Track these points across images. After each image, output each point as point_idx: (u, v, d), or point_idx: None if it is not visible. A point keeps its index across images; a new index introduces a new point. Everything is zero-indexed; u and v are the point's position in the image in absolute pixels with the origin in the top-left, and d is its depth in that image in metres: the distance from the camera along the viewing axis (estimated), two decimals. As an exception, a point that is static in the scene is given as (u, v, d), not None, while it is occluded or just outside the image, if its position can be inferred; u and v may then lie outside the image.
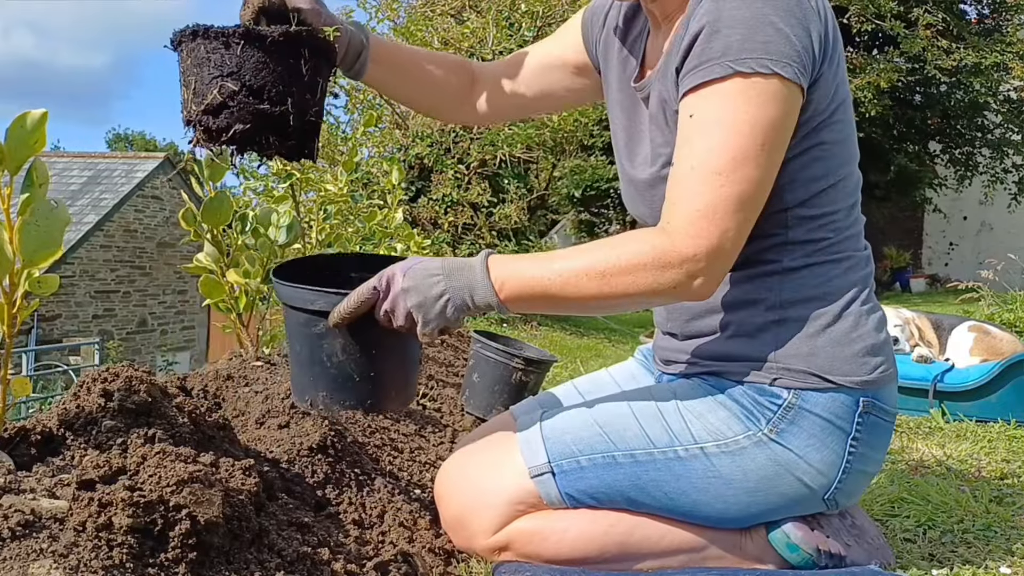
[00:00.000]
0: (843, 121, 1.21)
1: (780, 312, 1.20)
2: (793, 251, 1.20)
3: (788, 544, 1.22)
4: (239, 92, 1.15)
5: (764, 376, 1.20)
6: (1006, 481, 1.83)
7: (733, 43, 1.08)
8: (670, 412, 1.23)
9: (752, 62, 1.07)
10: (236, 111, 1.16)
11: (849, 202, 1.24)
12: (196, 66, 1.18)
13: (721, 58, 1.08)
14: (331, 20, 1.28)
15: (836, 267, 1.22)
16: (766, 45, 1.07)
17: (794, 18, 1.09)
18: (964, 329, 2.91)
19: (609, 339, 6.32)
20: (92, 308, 14.67)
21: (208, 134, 1.17)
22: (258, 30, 1.17)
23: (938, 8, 11.10)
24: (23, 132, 0.90)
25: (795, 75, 1.08)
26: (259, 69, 1.16)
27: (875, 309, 1.25)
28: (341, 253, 2.25)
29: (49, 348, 12.03)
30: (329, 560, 0.99)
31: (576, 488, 1.23)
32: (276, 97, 1.17)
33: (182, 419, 1.09)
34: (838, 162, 1.21)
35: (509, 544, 1.24)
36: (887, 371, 1.23)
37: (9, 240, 0.91)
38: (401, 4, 8.86)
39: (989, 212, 14.20)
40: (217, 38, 1.16)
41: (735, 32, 1.08)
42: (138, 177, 15.70)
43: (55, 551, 0.77)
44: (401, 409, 1.82)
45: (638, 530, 1.23)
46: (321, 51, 1.23)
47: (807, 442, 1.18)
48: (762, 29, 1.08)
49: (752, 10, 1.08)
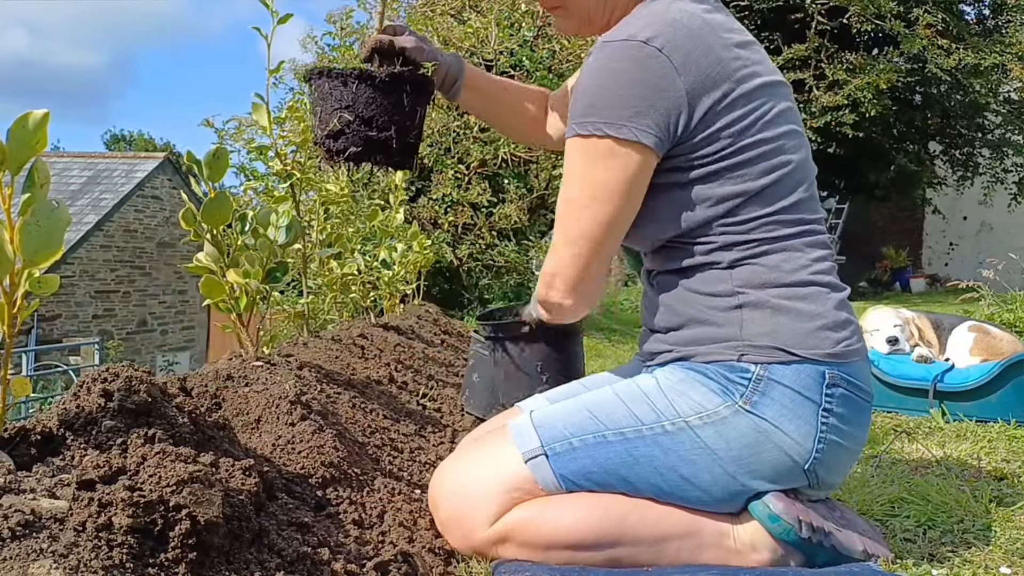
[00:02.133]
0: (757, 139, 1.29)
1: (739, 298, 1.28)
2: (732, 250, 1.30)
3: (769, 515, 1.25)
4: (353, 122, 1.44)
5: (732, 354, 1.27)
6: (1006, 481, 1.83)
7: (580, 108, 1.27)
8: (653, 392, 1.30)
9: (590, 125, 1.25)
10: (351, 136, 1.44)
11: (784, 203, 1.30)
12: (321, 99, 1.47)
13: (571, 119, 1.29)
14: (432, 56, 1.54)
15: (783, 255, 1.29)
16: (603, 111, 1.24)
17: (648, 83, 1.23)
18: (964, 329, 2.91)
19: (609, 339, 6.32)
20: (92, 308, 14.67)
21: (329, 154, 1.46)
22: (370, 72, 1.45)
23: (938, 8, 11.10)
24: (24, 132, 0.90)
25: (631, 135, 1.24)
26: (369, 103, 1.44)
27: (836, 289, 1.32)
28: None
29: (49, 348, 12.04)
30: (329, 560, 0.99)
31: (570, 469, 1.27)
32: (382, 125, 1.45)
33: (182, 419, 1.09)
34: (751, 177, 1.29)
35: (508, 534, 1.25)
36: (851, 345, 1.29)
37: (10, 240, 0.91)
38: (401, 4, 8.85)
39: (989, 212, 14.19)
40: (338, 77, 1.44)
41: (586, 97, 1.27)
42: (138, 177, 15.71)
43: (55, 551, 0.77)
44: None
45: (633, 513, 1.26)
46: (420, 86, 1.49)
47: (780, 412, 1.24)
48: (602, 96, 1.25)
49: (605, 77, 1.25)
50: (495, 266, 8.33)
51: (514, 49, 7.49)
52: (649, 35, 1.24)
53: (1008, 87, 11.96)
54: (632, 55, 1.24)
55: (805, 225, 1.33)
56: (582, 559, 1.25)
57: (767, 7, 11.86)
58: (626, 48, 1.24)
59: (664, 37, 1.24)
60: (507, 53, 7.33)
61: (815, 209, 1.36)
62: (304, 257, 2.83)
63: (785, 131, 1.32)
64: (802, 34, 11.79)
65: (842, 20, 11.34)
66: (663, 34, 1.24)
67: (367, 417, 1.81)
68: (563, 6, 1.44)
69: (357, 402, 1.88)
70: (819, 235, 1.35)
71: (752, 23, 12.11)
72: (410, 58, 1.51)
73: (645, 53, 1.23)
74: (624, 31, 1.26)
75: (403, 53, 1.50)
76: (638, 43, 1.24)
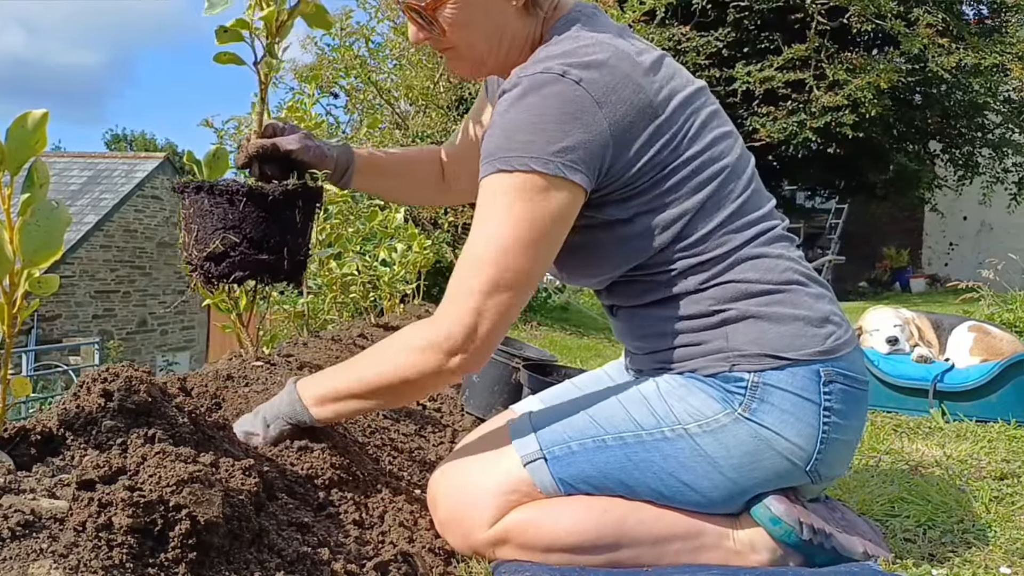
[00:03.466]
0: (685, 158, 1.26)
1: (718, 316, 1.27)
2: (694, 272, 1.27)
3: (771, 518, 1.25)
4: (240, 243, 1.29)
5: (723, 365, 1.25)
6: (1006, 481, 1.83)
7: (499, 144, 1.19)
8: (653, 398, 1.29)
9: (514, 160, 1.17)
10: (237, 260, 1.30)
11: (730, 210, 1.28)
12: (199, 216, 1.31)
13: (488, 157, 1.20)
14: (319, 153, 1.44)
15: (746, 264, 1.28)
16: (526, 146, 1.16)
17: (568, 118, 1.17)
18: (964, 329, 2.91)
19: (609, 339, 6.32)
20: (92, 308, 14.67)
21: (208, 277, 1.31)
22: (261, 189, 1.30)
23: (938, 8, 11.10)
24: (24, 132, 0.90)
25: (557, 170, 1.16)
26: (259, 223, 1.30)
27: (808, 283, 1.31)
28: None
29: (49, 348, 12.04)
30: (329, 560, 0.99)
31: (568, 473, 1.26)
32: (274, 246, 1.32)
33: (182, 419, 1.09)
34: (687, 194, 1.26)
35: (507, 536, 1.25)
36: (840, 339, 1.28)
37: (9, 240, 0.91)
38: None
39: (989, 212, 14.18)
40: (222, 194, 1.29)
41: (498, 135, 1.19)
42: (138, 177, 15.70)
43: (55, 551, 0.77)
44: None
45: (632, 515, 1.26)
46: (313, 198, 1.38)
47: (780, 418, 1.23)
48: (522, 131, 1.17)
49: (515, 114, 1.18)
50: (495, 266, 8.30)
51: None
52: (564, 68, 1.18)
53: (1008, 87, 11.96)
54: (551, 90, 1.17)
55: (758, 225, 1.30)
56: (582, 561, 1.24)
57: (767, 7, 11.86)
58: (544, 80, 1.18)
59: (579, 71, 1.18)
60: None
61: (762, 201, 1.34)
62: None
63: (713, 138, 1.29)
64: (802, 34, 11.79)
65: (842, 20, 11.34)
66: (577, 67, 1.19)
67: (367, 417, 1.81)
68: (453, 47, 1.33)
69: (357, 402, 1.88)
70: (774, 228, 1.32)
71: (752, 23, 12.12)
72: (297, 160, 1.39)
73: (562, 86, 1.17)
74: (540, 65, 1.20)
75: (289, 156, 1.38)
76: (554, 76, 1.18)
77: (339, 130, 7.85)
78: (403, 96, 7.96)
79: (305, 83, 3.48)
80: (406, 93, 7.81)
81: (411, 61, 7.71)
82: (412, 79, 7.64)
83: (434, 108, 7.69)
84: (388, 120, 7.89)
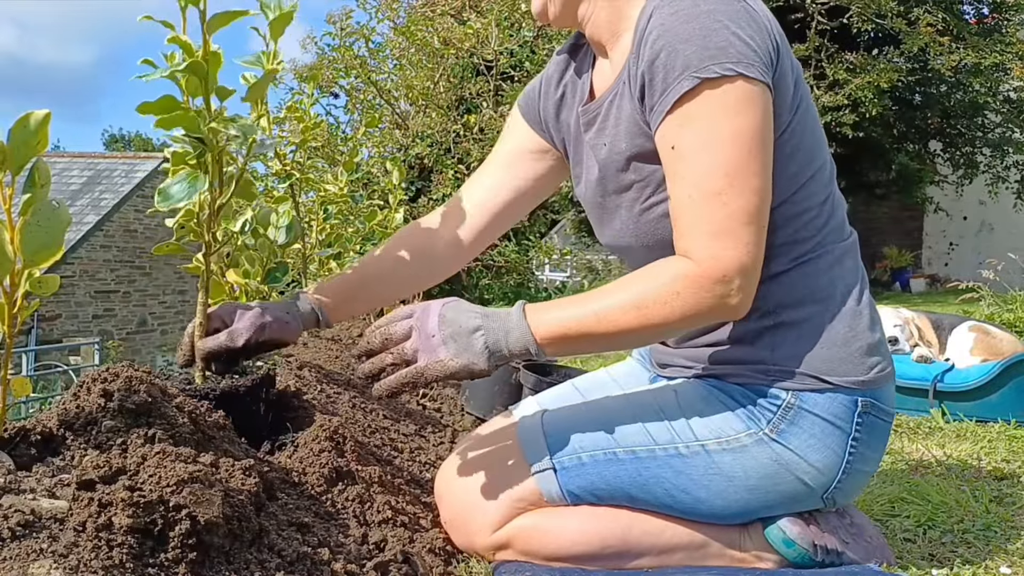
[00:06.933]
0: (809, 113, 1.21)
1: (774, 317, 1.21)
2: (778, 256, 1.19)
3: (784, 540, 1.23)
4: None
5: (762, 378, 1.20)
6: (1006, 481, 1.83)
7: (692, 56, 1.07)
8: (671, 410, 1.24)
9: (716, 67, 1.06)
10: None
11: (825, 194, 1.24)
12: None
13: (683, 72, 1.08)
14: (279, 327, 1.33)
15: (822, 262, 1.22)
16: (724, 50, 1.07)
17: (743, 19, 1.10)
18: (964, 329, 2.91)
19: (609, 339, 6.31)
20: (92, 308, 14.66)
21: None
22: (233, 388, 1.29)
23: (938, 8, 11.09)
24: (25, 133, 0.90)
25: (759, 73, 1.08)
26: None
27: (869, 305, 1.25)
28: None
29: (49, 348, 12.02)
30: (329, 560, 0.99)
31: (577, 484, 1.23)
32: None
33: (182, 419, 1.09)
34: (810, 155, 1.21)
35: (510, 541, 1.24)
36: (884, 370, 1.23)
37: (10, 240, 0.91)
38: (401, 4, 8.85)
39: (990, 212, 14.18)
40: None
41: (690, 45, 1.08)
42: (138, 177, 15.69)
43: (55, 551, 0.77)
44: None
45: (638, 525, 1.23)
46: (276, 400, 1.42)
47: (807, 442, 1.19)
48: (715, 35, 1.07)
49: (700, 21, 1.08)
50: (495, 266, 8.33)
51: (514, 49, 7.48)
52: None
53: (1008, 86, 11.96)
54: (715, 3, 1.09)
55: (838, 218, 1.25)
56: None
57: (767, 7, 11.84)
58: None
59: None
60: (507, 53, 7.32)
61: (840, 204, 1.29)
62: (304, 257, 2.82)
63: (815, 115, 1.24)
64: (802, 34, 11.77)
65: (842, 20, 11.32)
66: None
67: (367, 417, 1.81)
68: None
69: (357, 402, 1.88)
70: (853, 236, 1.28)
71: (752, 23, 12.07)
72: (248, 348, 1.29)
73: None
74: None
75: (246, 349, 1.28)
76: None
77: (339, 130, 7.85)
78: (403, 96, 7.97)
79: (304, 83, 3.47)
80: (406, 93, 7.82)
81: (411, 61, 7.72)
82: (412, 79, 7.65)
83: (434, 108, 7.69)
84: (388, 120, 7.89)
